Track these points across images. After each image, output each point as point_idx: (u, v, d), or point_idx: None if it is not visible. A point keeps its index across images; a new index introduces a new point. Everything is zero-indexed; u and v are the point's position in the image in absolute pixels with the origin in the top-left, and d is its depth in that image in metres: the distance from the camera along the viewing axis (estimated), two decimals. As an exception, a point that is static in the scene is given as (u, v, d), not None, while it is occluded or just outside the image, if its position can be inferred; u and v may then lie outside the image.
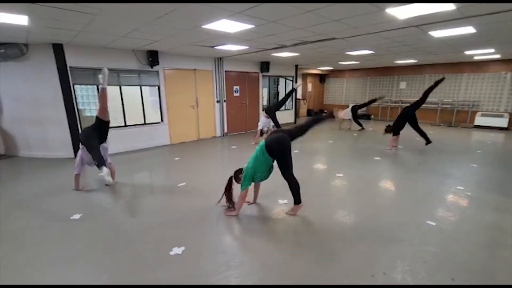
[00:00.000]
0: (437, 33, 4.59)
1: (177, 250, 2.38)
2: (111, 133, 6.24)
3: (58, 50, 5.14)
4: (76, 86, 5.57)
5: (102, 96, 3.52)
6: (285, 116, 10.68)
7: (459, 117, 9.93)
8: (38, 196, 3.67)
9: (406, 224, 2.83)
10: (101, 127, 3.57)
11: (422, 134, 6.11)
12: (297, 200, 2.98)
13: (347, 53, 7.00)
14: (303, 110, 13.43)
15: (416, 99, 5.95)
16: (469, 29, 4.29)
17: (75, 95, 5.53)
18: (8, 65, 5.22)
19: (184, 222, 2.92)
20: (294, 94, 10.85)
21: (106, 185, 3.87)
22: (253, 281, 2.01)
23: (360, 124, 9.05)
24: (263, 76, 9.39)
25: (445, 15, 3.42)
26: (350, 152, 6.27)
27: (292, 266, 2.19)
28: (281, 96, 10.49)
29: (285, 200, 3.37)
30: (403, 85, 11.28)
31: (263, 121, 6.91)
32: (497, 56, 7.81)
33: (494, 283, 1.98)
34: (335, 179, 4.29)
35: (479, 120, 9.32)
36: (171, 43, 5.25)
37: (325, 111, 14.28)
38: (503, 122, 8.88)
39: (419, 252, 2.34)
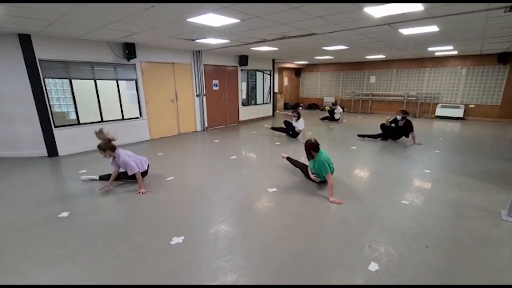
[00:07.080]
0: (406, 31, 4.99)
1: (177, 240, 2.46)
2: (87, 128, 5.96)
3: (26, 41, 4.80)
4: (47, 80, 5.25)
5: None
6: (263, 110, 10.89)
7: (423, 109, 10.81)
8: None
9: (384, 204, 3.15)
10: None
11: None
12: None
13: (323, 48, 7.29)
14: (280, 104, 13.71)
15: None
16: (433, 28, 4.74)
17: (46, 89, 5.21)
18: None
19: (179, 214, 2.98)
20: (272, 88, 11.07)
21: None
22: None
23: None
24: (241, 70, 9.44)
25: (414, 14, 3.76)
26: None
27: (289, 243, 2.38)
28: (259, 90, 10.64)
29: (274, 189, 3.57)
30: (373, 79, 11.97)
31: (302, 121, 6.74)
32: (455, 52, 8.60)
33: (458, 247, 2.32)
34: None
35: (439, 111, 10.24)
36: (152, 35, 5.12)
37: (301, 104, 14.71)
38: (459, 113, 9.86)
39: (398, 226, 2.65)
